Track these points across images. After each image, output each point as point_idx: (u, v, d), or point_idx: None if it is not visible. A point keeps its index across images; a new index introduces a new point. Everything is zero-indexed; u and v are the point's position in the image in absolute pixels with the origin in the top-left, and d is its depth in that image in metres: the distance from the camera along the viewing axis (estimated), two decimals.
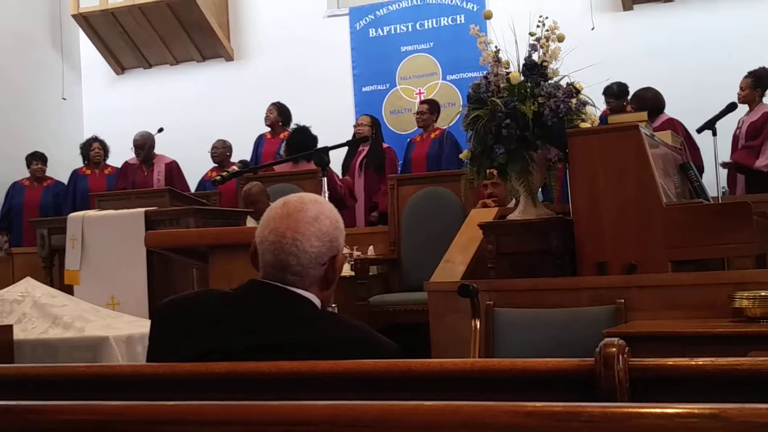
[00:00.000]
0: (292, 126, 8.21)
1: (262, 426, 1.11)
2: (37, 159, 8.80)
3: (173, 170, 8.63)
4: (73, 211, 7.72)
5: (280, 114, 8.54)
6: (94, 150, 8.69)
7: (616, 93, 7.05)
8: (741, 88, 6.81)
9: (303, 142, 7.55)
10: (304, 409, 1.10)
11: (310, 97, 9.22)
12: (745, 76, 6.83)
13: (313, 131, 7.80)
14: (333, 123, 8.24)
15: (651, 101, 6.71)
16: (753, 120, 6.81)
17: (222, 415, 1.13)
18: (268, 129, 8.65)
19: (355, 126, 7.89)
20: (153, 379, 1.61)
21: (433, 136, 7.79)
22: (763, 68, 6.81)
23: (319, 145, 5.86)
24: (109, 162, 8.91)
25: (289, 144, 7.77)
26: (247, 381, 1.55)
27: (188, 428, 1.14)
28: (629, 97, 7.07)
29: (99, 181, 8.68)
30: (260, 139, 8.70)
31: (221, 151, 8.55)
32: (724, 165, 6.55)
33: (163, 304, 1.92)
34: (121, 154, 8.84)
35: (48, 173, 8.97)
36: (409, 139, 8.22)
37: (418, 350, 3.84)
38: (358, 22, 9.52)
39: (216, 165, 8.59)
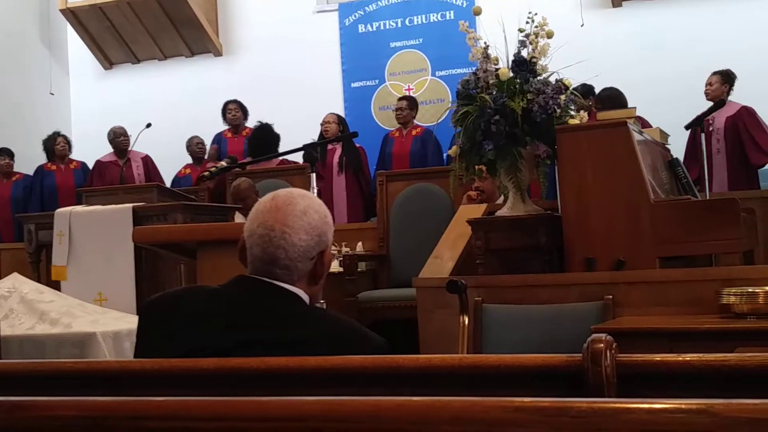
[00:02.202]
0: (255, 124, 8.19)
1: (250, 422, 1.10)
2: (3, 154, 8.71)
3: (149, 164, 8.63)
4: (41, 208, 7.72)
5: (243, 112, 8.57)
6: (59, 144, 8.60)
7: (581, 92, 7.05)
8: (710, 84, 6.87)
9: (266, 141, 7.53)
10: (293, 405, 1.10)
11: (299, 93, 9.21)
12: (713, 74, 6.89)
13: (302, 126, 7.78)
14: (321, 118, 8.21)
15: (615, 100, 6.72)
16: (730, 114, 6.85)
17: (210, 411, 1.13)
18: (227, 127, 8.64)
19: (322, 124, 7.84)
20: (140, 375, 1.61)
21: (414, 133, 7.78)
22: (729, 70, 6.88)
23: (306, 140, 5.84)
24: (90, 157, 8.85)
25: (252, 143, 7.74)
26: (236, 377, 1.55)
27: (176, 424, 1.13)
28: (593, 97, 7.08)
29: (65, 176, 8.60)
30: (220, 137, 8.68)
31: (201, 148, 8.54)
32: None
33: (151, 301, 1.91)
34: (108, 149, 8.79)
35: (33, 169, 8.90)
36: (385, 134, 8.17)
37: (406, 346, 3.84)
38: (347, 17, 9.51)
39: (192, 162, 8.57)
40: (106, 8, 9.86)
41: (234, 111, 8.55)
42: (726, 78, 6.85)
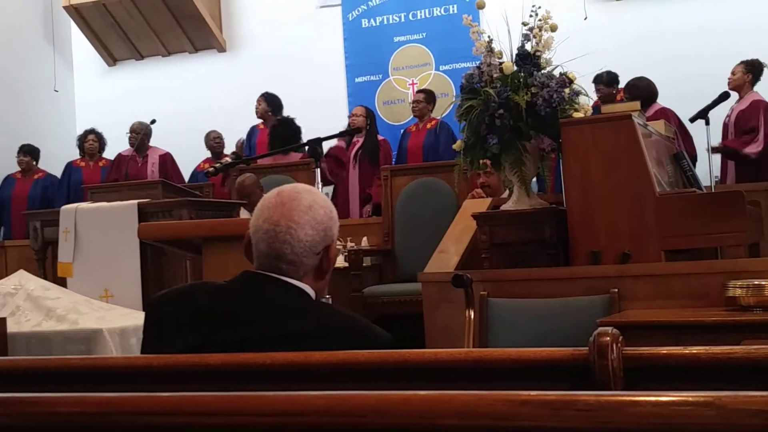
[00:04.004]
0: (279, 118, 8.19)
1: (256, 417, 1.11)
2: (22, 152, 8.74)
3: (167, 161, 8.61)
4: (68, 203, 7.73)
5: (269, 104, 8.49)
6: (88, 142, 8.68)
7: (606, 81, 7.07)
8: (732, 73, 6.81)
9: (285, 135, 7.52)
10: (299, 399, 1.10)
11: (303, 88, 9.19)
12: (739, 63, 6.84)
13: (306, 122, 7.78)
14: (325, 114, 8.22)
15: (644, 90, 6.71)
16: (742, 108, 6.80)
17: (216, 406, 1.13)
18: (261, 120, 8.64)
19: (349, 117, 7.87)
20: (147, 371, 1.61)
21: (428, 126, 7.77)
22: (758, 60, 6.82)
23: (310, 135, 5.82)
24: (104, 154, 8.88)
25: (272, 136, 7.75)
26: (241, 372, 1.55)
27: (182, 419, 1.13)
28: (622, 86, 7.08)
29: (93, 173, 8.65)
30: (253, 129, 8.67)
31: (219, 142, 8.55)
32: (714, 149, 6.56)
33: (157, 297, 1.92)
34: (113, 146, 8.81)
35: (41, 165, 8.93)
36: (403, 129, 8.19)
37: (412, 341, 3.84)
38: (351, 12, 9.50)
39: (210, 156, 8.57)
40: (109, 5, 9.86)
41: (257, 103, 8.52)
42: (750, 67, 6.77)
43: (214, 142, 8.59)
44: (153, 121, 7.87)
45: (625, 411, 0.98)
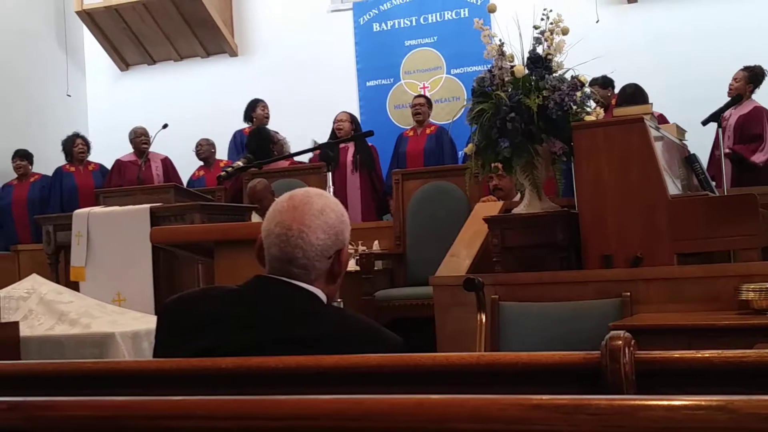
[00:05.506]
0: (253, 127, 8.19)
1: (268, 421, 1.11)
2: (18, 156, 8.70)
3: (169, 166, 8.63)
4: (61, 209, 7.74)
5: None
6: (77, 146, 8.59)
7: (601, 83, 7.05)
8: (735, 80, 6.78)
9: (259, 144, 7.51)
10: (310, 403, 1.10)
11: (314, 92, 9.22)
12: (741, 69, 6.80)
13: (317, 126, 7.78)
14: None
15: (634, 96, 6.68)
16: (743, 113, 6.77)
17: (228, 410, 1.13)
18: (246, 125, 8.59)
19: (334, 122, 7.83)
20: (159, 375, 1.61)
21: (428, 131, 7.78)
22: (760, 66, 6.79)
23: (321, 140, 5.79)
24: (106, 158, 8.87)
25: (249, 145, 7.74)
26: (253, 376, 1.55)
27: (195, 423, 1.14)
28: (616, 92, 7.06)
29: (85, 178, 8.59)
30: (240, 133, 8.62)
31: (206, 149, 8.53)
32: (726, 155, 6.53)
33: (170, 301, 1.92)
34: (124, 151, 8.83)
35: (50, 170, 8.92)
36: (400, 133, 8.16)
37: (424, 344, 3.83)
38: (362, 16, 9.51)
39: (202, 164, 8.57)
40: (121, 10, 9.90)
41: (267, 110, 8.50)
42: (752, 77, 6.74)
43: (201, 148, 8.58)
44: (165, 126, 7.88)
45: (638, 415, 0.98)
